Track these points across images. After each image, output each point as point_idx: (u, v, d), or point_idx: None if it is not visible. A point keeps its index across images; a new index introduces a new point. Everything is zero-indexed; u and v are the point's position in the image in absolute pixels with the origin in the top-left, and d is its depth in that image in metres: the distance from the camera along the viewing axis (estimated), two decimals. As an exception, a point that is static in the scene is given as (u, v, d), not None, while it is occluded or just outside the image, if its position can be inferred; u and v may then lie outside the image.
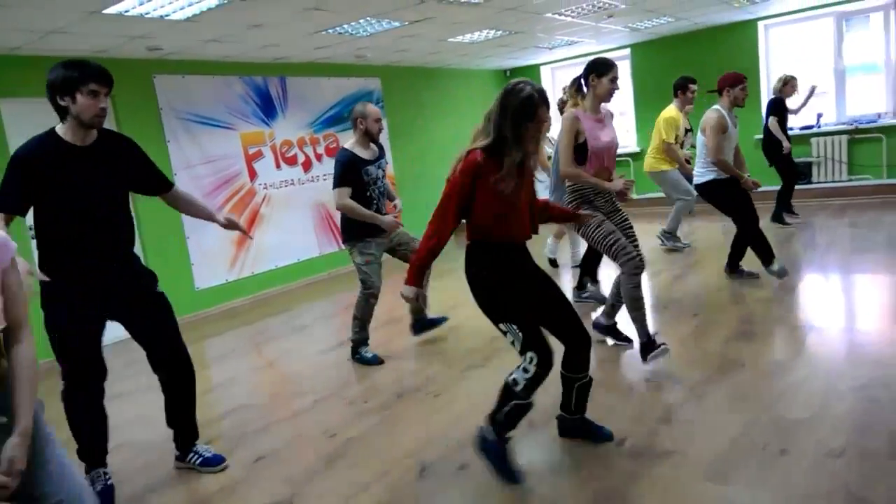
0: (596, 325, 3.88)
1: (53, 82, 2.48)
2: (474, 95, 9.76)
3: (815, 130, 7.95)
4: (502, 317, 2.40)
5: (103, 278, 2.64)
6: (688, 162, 5.83)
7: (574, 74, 3.65)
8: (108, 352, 5.41)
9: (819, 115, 7.98)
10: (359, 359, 4.16)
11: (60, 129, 2.56)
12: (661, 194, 6.68)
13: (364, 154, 3.96)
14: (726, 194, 4.60)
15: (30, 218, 2.64)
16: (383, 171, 4.12)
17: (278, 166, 6.97)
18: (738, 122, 4.81)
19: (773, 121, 6.43)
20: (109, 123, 5.64)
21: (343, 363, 4.27)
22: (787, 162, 6.59)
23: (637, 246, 3.45)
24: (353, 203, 3.87)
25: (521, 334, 2.37)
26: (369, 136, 3.97)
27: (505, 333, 2.42)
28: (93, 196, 2.58)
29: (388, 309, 4.77)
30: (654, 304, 4.70)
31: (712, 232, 6.88)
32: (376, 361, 4.10)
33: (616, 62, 3.53)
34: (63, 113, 2.52)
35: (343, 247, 4.20)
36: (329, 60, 7.26)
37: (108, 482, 2.78)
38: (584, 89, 3.49)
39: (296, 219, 7.08)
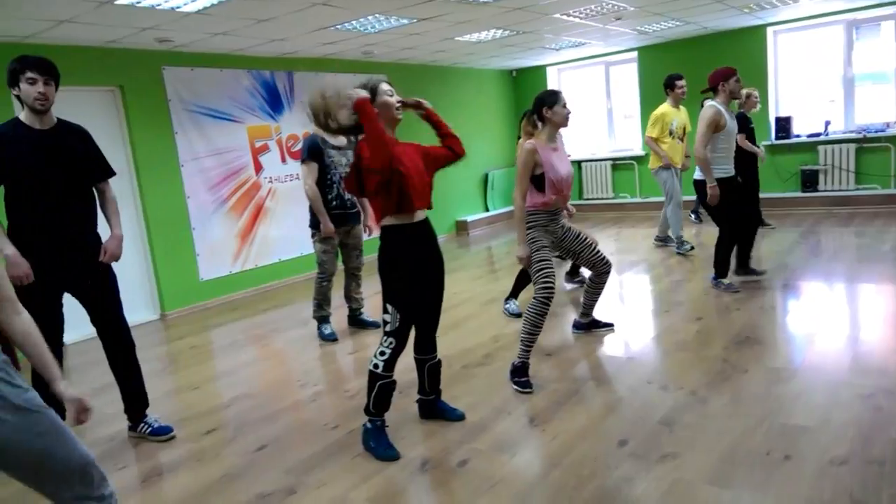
0: (576, 326, 4.22)
1: (10, 69, 2.85)
2: (479, 95, 9.77)
3: (822, 138, 7.94)
4: (392, 300, 2.73)
5: (61, 249, 2.94)
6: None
7: (580, 76, 3.72)
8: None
9: (827, 123, 7.97)
10: (319, 335, 4.69)
11: (21, 115, 2.93)
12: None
13: (330, 139, 4.32)
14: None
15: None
16: (348, 160, 4.35)
17: (284, 160, 6.97)
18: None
19: (740, 137, 6.30)
20: (118, 114, 5.67)
21: (344, 357, 4.28)
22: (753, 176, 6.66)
23: (597, 247, 3.77)
24: (317, 193, 4.29)
25: (397, 325, 2.73)
26: None
27: (386, 312, 2.74)
28: (46, 174, 2.89)
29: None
30: (656, 307, 4.70)
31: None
32: (331, 338, 4.63)
33: (625, 63, 3.60)
34: (21, 101, 2.89)
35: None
36: (336, 56, 7.26)
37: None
38: (540, 124, 3.54)
39: (299, 213, 7.04)
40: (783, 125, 8.17)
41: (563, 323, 4.45)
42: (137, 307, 5.83)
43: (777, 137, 8.24)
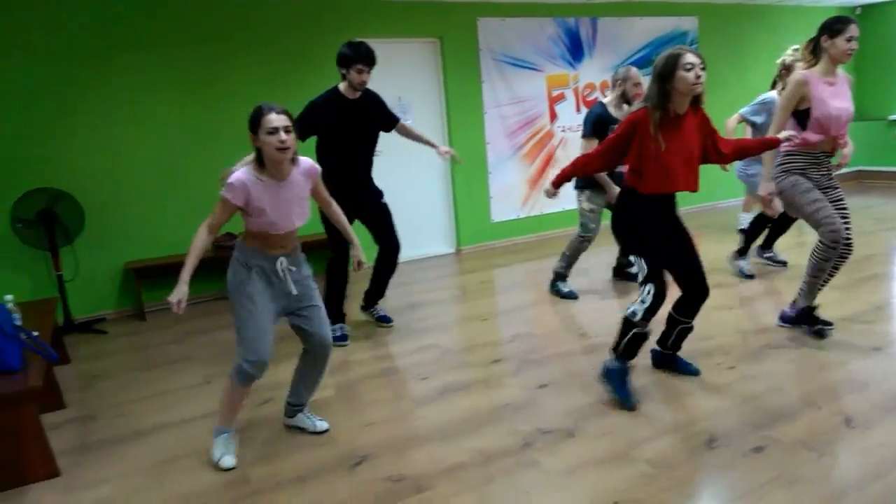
0: (783, 318, 3.70)
1: (344, 55, 3.67)
2: (807, 37, 8.40)
3: None
4: (634, 250, 2.82)
5: (354, 186, 3.93)
6: None
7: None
8: (416, 266, 6.25)
9: None
10: (555, 291, 4.75)
11: (340, 86, 3.80)
12: None
13: (616, 113, 4.31)
14: None
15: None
16: None
17: (578, 109, 6.96)
18: None
19: None
20: (436, 63, 6.21)
21: (617, 315, 4.21)
22: None
23: (848, 223, 3.29)
24: None
25: (646, 269, 2.77)
26: (625, 98, 4.31)
27: (632, 265, 2.92)
28: (353, 132, 3.83)
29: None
30: None
31: None
32: (571, 296, 4.65)
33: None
34: (343, 77, 3.74)
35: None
36: (644, -1, 6.89)
37: (343, 331, 4.07)
38: (818, 52, 3.25)
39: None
40: None
41: None
42: (438, 240, 6.52)
43: None
